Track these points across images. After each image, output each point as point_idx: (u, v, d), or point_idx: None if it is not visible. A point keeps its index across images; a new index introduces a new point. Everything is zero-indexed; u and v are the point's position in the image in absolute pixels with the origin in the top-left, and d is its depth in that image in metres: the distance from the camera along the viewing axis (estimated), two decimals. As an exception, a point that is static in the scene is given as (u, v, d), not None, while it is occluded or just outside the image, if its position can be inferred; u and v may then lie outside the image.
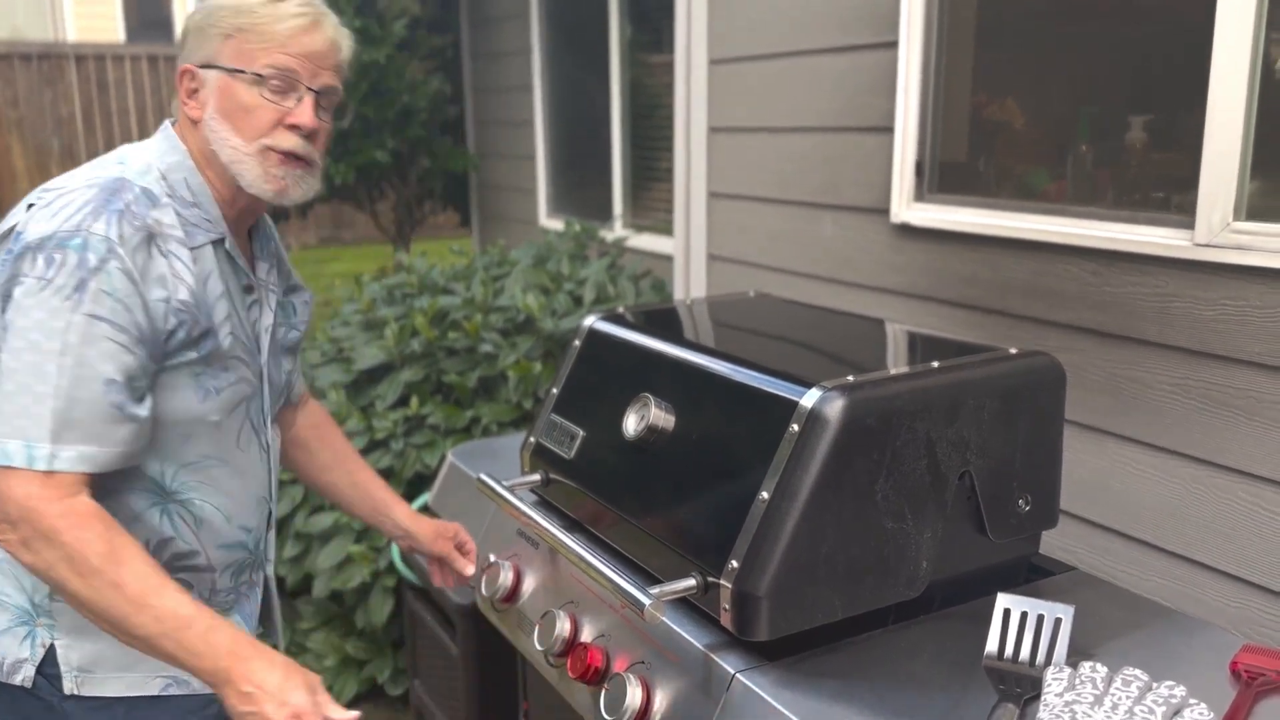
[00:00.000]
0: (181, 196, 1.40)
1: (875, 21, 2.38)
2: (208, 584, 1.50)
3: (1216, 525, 1.80)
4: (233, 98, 1.39)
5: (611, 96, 4.36)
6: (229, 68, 1.39)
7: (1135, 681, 1.20)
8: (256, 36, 1.38)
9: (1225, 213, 1.72)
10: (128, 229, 1.30)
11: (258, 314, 1.51)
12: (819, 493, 1.30)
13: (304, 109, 1.40)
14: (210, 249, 1.41)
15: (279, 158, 1.41)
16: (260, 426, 1.53)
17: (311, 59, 1.41)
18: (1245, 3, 1.66)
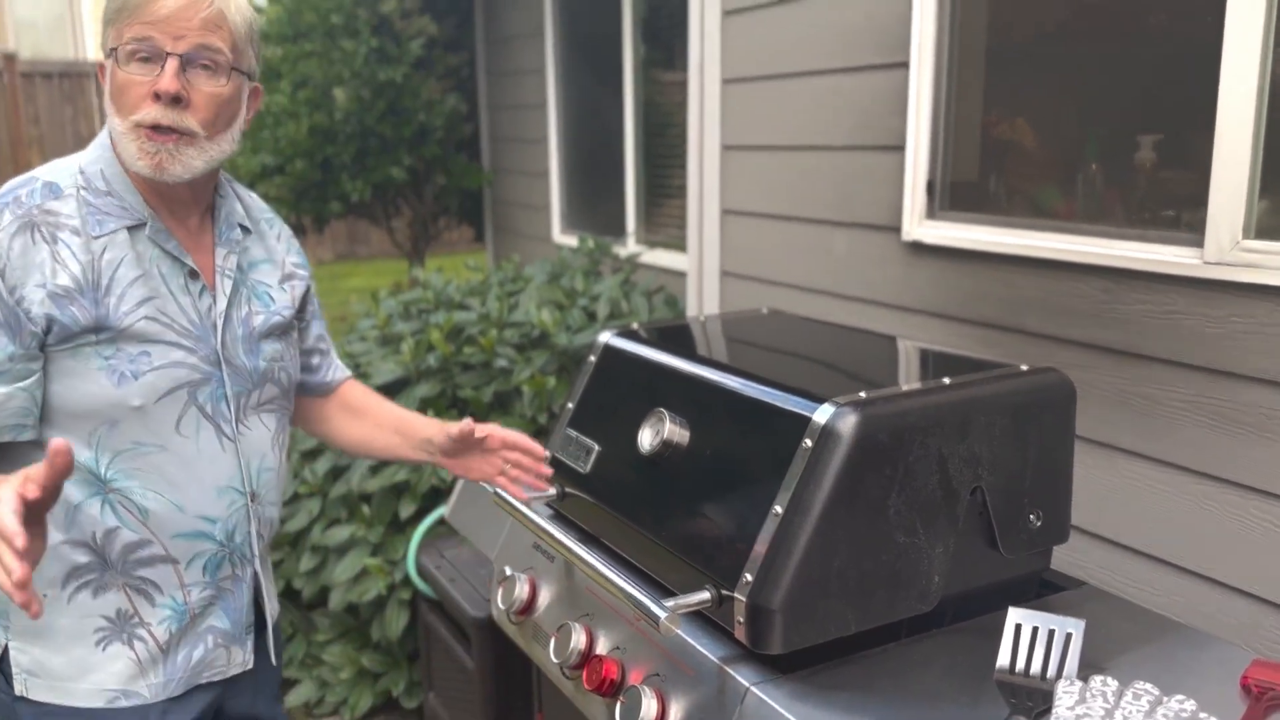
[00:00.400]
0: (96, 187, 1.41)
1: (886, 43, 2.41)
2: (174, 578, 1.48)
3: (1228, 541, 1.81)
4: (113, 80, 1.38)
5: (625, 114, 4.40)
6: (109, 49, 1.38)
7: (1146, 695, 1.21)
8: (126, 14, 1.36)
9: (1234, 231, 1.73)
10: (6, 218, 1.34)
11: (209, 300, 1.48)
12: (832, 507, 1.32)
13: (164, 75, 1.35)
14: (125, 234, 1.41)
15: (146, 131, 1.37)
16: (217, 413, 1.48)
17: (171, 21, 1.35)
18: (1253, 24, 1.68)
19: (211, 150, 1.42)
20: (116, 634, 1.46)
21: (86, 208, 1.39)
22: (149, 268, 1.42)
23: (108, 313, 1.37)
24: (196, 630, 1.52)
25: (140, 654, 1.48)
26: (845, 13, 2.53)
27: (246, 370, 1.52)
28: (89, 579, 1.44)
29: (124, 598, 1.46)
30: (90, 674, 1.45)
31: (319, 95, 5.31)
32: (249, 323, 1.53)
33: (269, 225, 1.65)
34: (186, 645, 1.52)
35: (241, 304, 1.53)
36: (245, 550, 1.56)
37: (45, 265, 1.34)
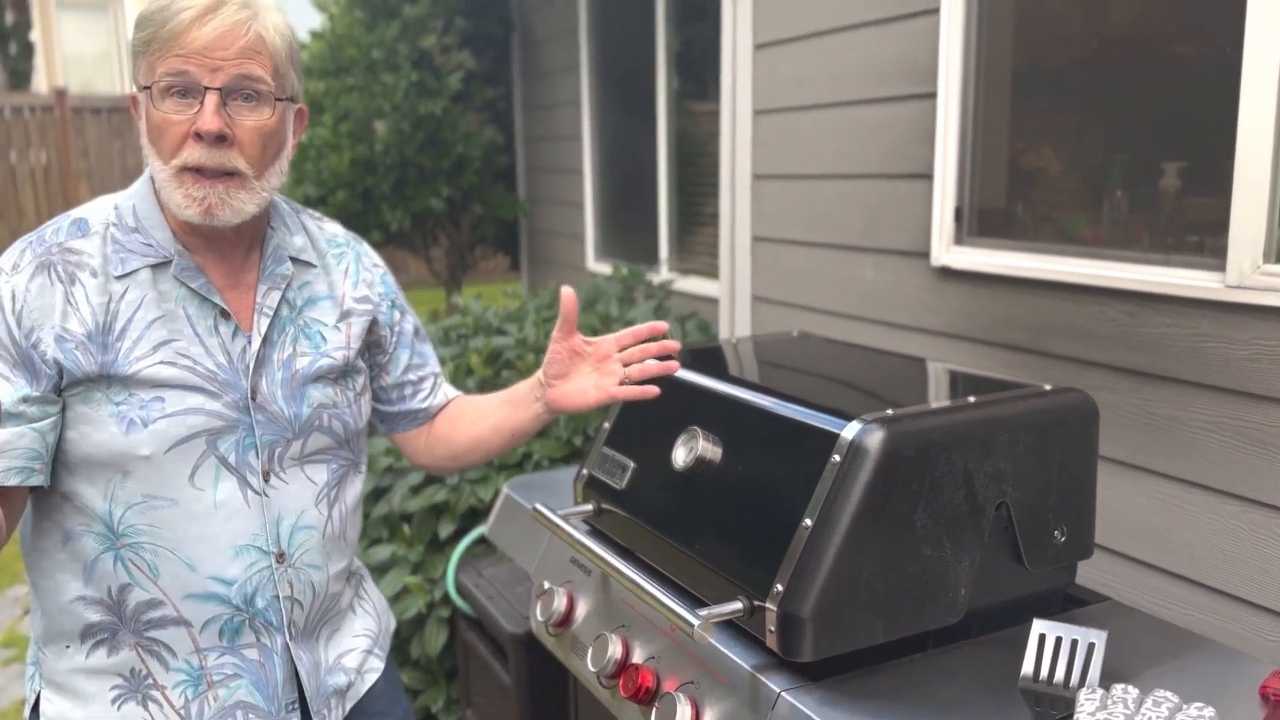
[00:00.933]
0: (125, 224, 1.34)
1: (914, 74, 2.48)
2: (188, 642, 1.38)
3: (1254, 560, 1.83)
4: (149, 119, 1.29)
5: (658, 144, 4.49)
6: (142, 85, 1.28)
7: (1166, 703, 1.25)
8: (157, 45, 1.25)
9: (1255, 256, 1.78)
10: (26, 257, 1.30)
11: (244, 342, 1.37)
12: (860, 520, 1.37)
13: (204, 113, 1.25)
14: (148, 274, 1.33)
15: (191, 176, 1.28)
16: (242, 464, 1.36)
17: (207, 52, 1.24)
18: (1270, 57, 1.73)
19: (262, 190, 1.33)
20: (132, 693, 1.38)
21: (112, 245, 1.32)
22: (172, 308, 1.33)
23: (115, 358, 1.29)
24: (221, 703, 1.40)
25: (154, 715, 1.38)
26: (874, 46, 2.60)
27: (284, 418, 1.39)
28: (103, 636, 1.38)
29: (136, 657, 1.38)
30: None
31: (360, 128, 5.45)
32: (291, 365, 1.40)
33: (337, 258, 1.53)
34: (213, 717, 1.40)
35: (285, 345, 1.41)
36: (270, 617, 1.40)
37: (57, 308, 1.28)
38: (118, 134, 10.49)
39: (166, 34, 1.24)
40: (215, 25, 1.24)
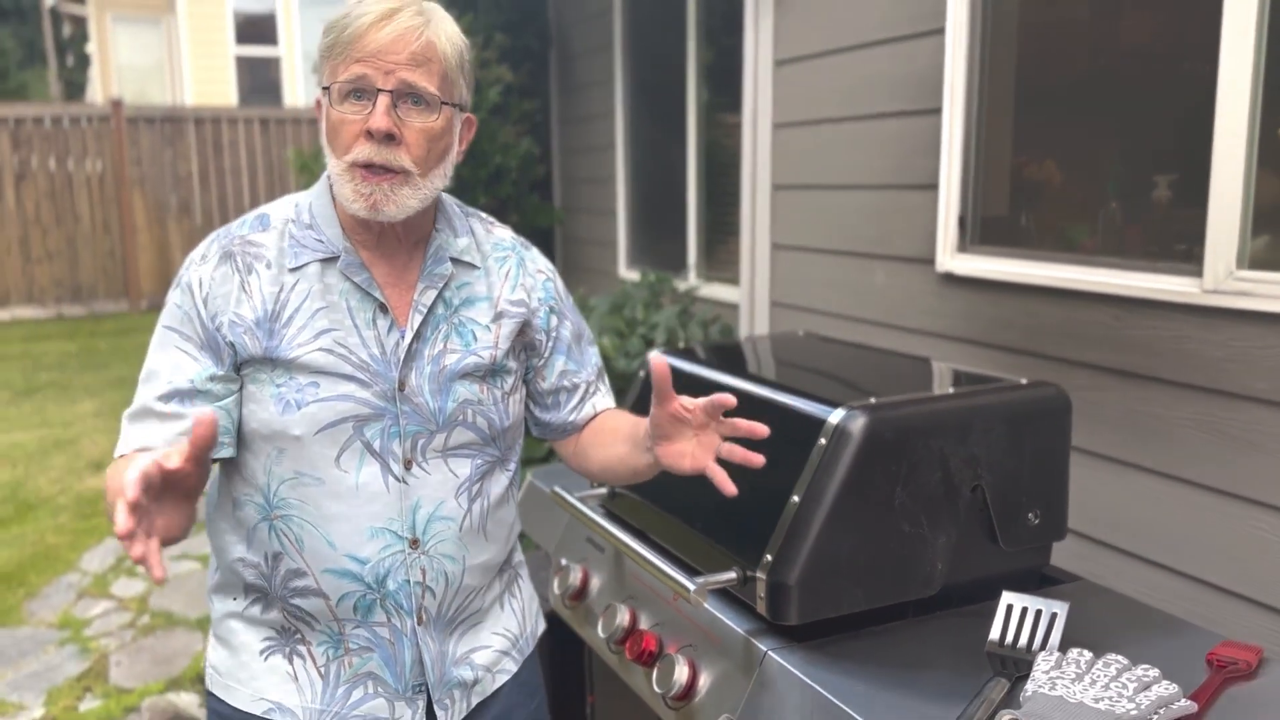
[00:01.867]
0: (302, 220, 1.44)
1: (921, 90, 2.61)
2: (328, 612, 1.44)
3: (1227, 549, 1.95)
4: (328, 119, 1.37)
5: (688, 156, 4.65)
6: (324, 87, 1.37)
7: (1115, 664, 1.38)
8: (339, 48, 1.34)
9: (1229, 262, 1.89)
10: (213, 248, 1.41)
11: (398, 336, 1.42)
12: (843, 498, 1.51)
13: (375, 113, 1.32)
14: (317, 267, 1.41)
15: (361, 171, 1.35)
16: (385, 451, 1.41)
17: (381, 55, 1.32)
18: (1242, 84, 1.85)
19: (425, 188, 1.38)
20: (280, 646, 1.47)
21: (288, 240, 1.41)
22: (336, 300, 1.40)
23: (279, 343, 1.37)
24: (353, 670, 1.46)
25: (298, 670, 1.46)
26: (884, 63, 2.74)
27: (429, 410, 1.44)
28: (258, 596, 1.47)
29: (284, 618, 1.47)
30: (253, 681, 1.47)
31: (402, 139, 5.66)
32: (440, 361, 1.45)
33: (500, 261, 1.55)
34: (346, 682, 1.46)
35: (437, 341, 1.45)
36: (401, 600, 1.45)
37: (233, 294, 1.38)
38: (169, 143, 10.83)
39: (348, 38, 1.32)
40: (391, 30, 1.31)
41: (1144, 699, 1.29)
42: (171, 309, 1.41)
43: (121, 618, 4.09)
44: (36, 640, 3.90)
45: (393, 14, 1.32)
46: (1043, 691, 1.31)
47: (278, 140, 11.19)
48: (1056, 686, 1.33)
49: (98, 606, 4.18)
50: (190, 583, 4.39)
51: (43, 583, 4.41)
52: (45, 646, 3.85)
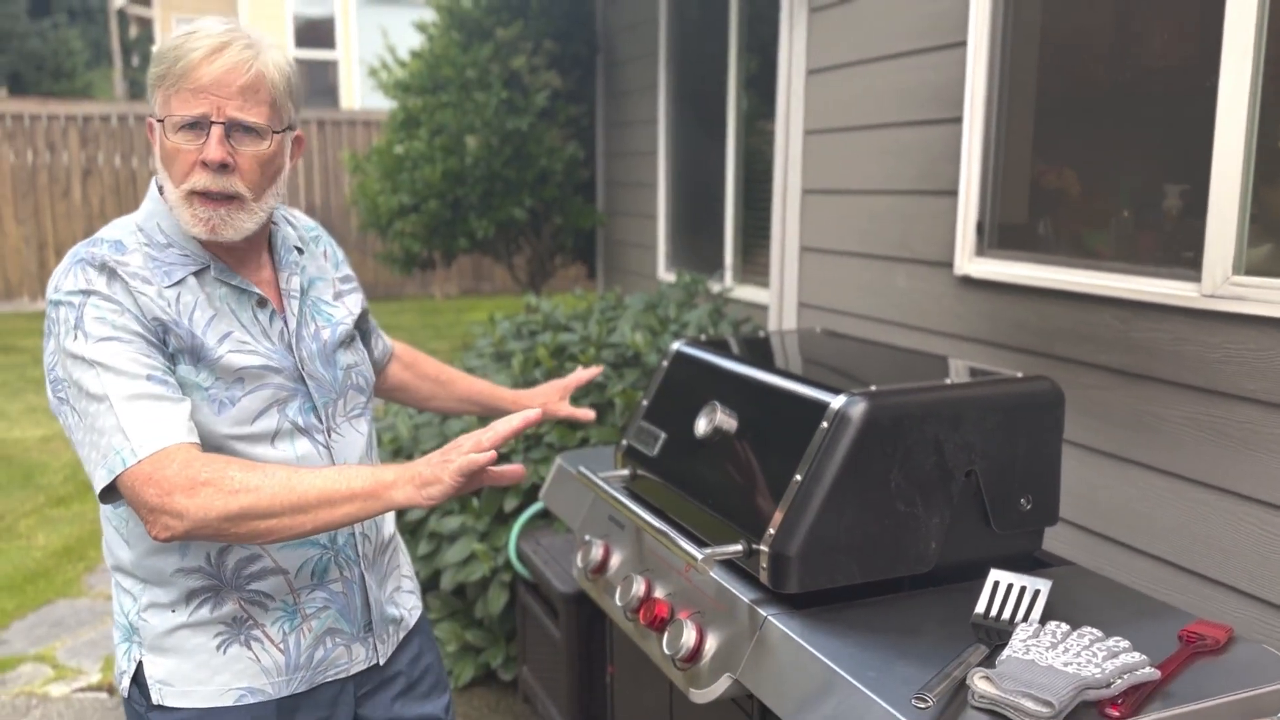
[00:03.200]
0: (157, 241, 1.47)
1: (943, 100, 2.72)
2: (284, 587, 1.54)
3: (1222, 543, 2.03)
4: (163, 147, 1.44)
5: (727, 161, 4.77)
6: (157, 117, 1.44)
7: (1089, 635, 1.48)
8: (171, 79, 1.40)
9: (1226, 268, 1.98)
10: (91, 272, 1.41)
11: (280, 324, 1.55)
12: (842, 477, 1.63)
13: (209, 144, 1.40)
14: (194, 279, 1.47)
15: (199, 199, 1.43)
16: (309, 425, 1.54)
17: (213, 89, 1.39)
18: (1240, 94, 1.94)
19: (260, 210, 1.48)
20: (234, 637, 1.53)
21: (152, 262, 1.45)
22: (220, 305, 1.49)
23: (201, 344, 1.45)
24: (315, 633, 1.58)
25: (258, 654, 1.54)
26: (909, 73, 2.85)
27: (328, 381, 1.58)
28: (206, 596, 1.52)
29: (238, 608, 1.53)
30: (216, 676, 1.52)
31: (452, 142, 5.85)
32: (319, 337, 1.60)
33: (315, 244, 1.72)
34: (308, 647, 1.58)
35: (309, 321, 1.60)
36: (350, 553, 1.60)
37: (139, 301, 1.41)
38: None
39: (179, 70, 1.39)
40: (221, 64, 1.39)
41: (1110, 665, 1.39)
42: (94, 323, 1.38)
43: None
44: (94, 611, 4.12)
45: (223, 48, 1.40)
46: (1017, 656, 1.42)
47: (334, 142, 11.48)
48: (1030, 652, 1.43)
49: (152, 582, 4.40)
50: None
51: (101, 558, 4.63)
52: (103, 618, 4.06)
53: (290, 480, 1.35)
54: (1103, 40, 2.35)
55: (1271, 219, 1.96)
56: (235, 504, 1.33)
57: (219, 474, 1.34)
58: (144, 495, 1.33)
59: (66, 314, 1.40)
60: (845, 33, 3.17)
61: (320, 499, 1.35)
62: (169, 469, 1.33)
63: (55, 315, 1.42)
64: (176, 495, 1.32)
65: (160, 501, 1.32)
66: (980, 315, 2.63)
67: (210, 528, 1.34)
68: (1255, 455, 1.96)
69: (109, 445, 1.35)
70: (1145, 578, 2.18)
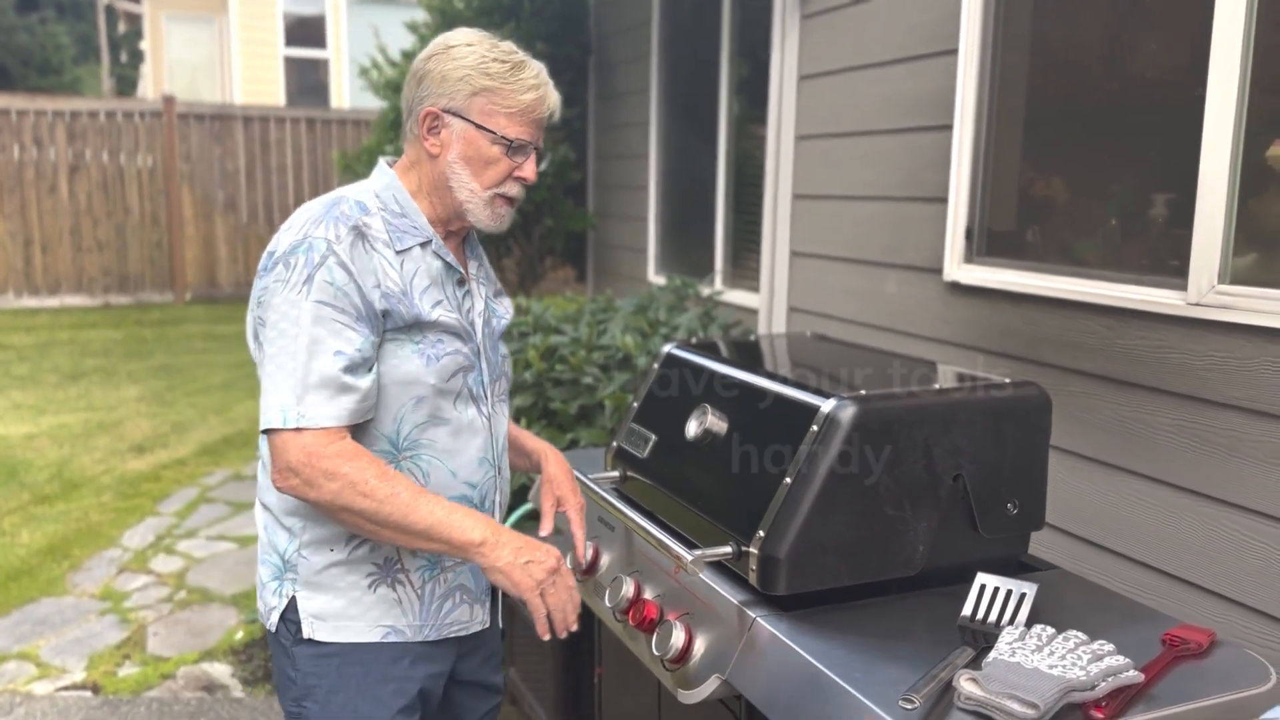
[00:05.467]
0: (392, 209, 1.68)
1: (934, 107, 2.74)
2: None
3: (1205, 549, 2.05)
4: (477, 150, 1.67)
5: (718, 165, 4.78)
6: (477, 123, 1.66)
7: (1074, 639, 1.50)
8: (500, 100, 1.65)
9: (1211, 277, 2.01)
10: (342, 229, 1.59)
11: (470, 302, 1.76)
12: (831, 480, 1.64)
13: (530, 166, 1.71)
14: (418, 250, 1.68)
15: (503, 202, 1.71)
16: (479, 396, 1.75)
17: (538, 122, 1.70)
18: (1227, 107, 1.96)
19: None
20: (383, 577, 1.68)
21: (389, 226, 1.66)
22: (434, 276, 1.69)
23: (419, 311, 1.64)
24: (449, 585, 1.74)
25: (401, 595, 1.70)
26: (900, 81, 2.87)
27: (493, 363, 1.80)
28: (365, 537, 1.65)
29: (394, 549, 1.68)
30: (367, 612, 1.68)
31: (443, 142, 5.84)
32: (490, 323, 1.81)
33: (481, 247, 1.93)
34: (439, 597, 1.73)
35: (487, 306, 1.82)
36: (492, 515, 1.79)
37: (376, 270, 1.60)
38: (218, 139, 11.13)
39: (520, 103, 1.66)
40: (548, 103, 1.70)
41: (1094, 668, 1.41)
42: (321, 285, 1.56)
43: (160, 592, 4.28)
44: (79, 610, 4.10)
45: (547, 93, 1.70)
46: (1002, 659, 1.43)
47: (323, 140, 11.46)
48: (1016, 655, 1.45)
49: (137, 580, 4.38)
50: (227, 561, 4.58)
51: (85, 556, 4.61)
52: (87, 616, 4.04)
53: (411, 503, 1.54)
54: (1092, 50, 2.38)
55: (1256, 229, 1.98)
56: (359, 504, 1.52)
57: (360, 473, 1.53)
58: (290, 456, 1.52)
59: (307, 258, 1.57)
60: (838, 39, 3.19)
61: (424, 532, 1.55)
62: (326, 448, 1.52)
63: (295, 252, 1.58)
64: (320, 473, 1.51)
65: (303, 468, 1.51)
66: (969, 321, 2.65)
67: (325, 508, 1.54)
68: (1239, 462, 1.98)
69: (282, 399, 1.54)
70: (1129, 582, 2.20)
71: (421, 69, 1.68)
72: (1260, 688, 1.47)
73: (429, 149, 1.68)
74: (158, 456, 6.01)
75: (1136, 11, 2.28)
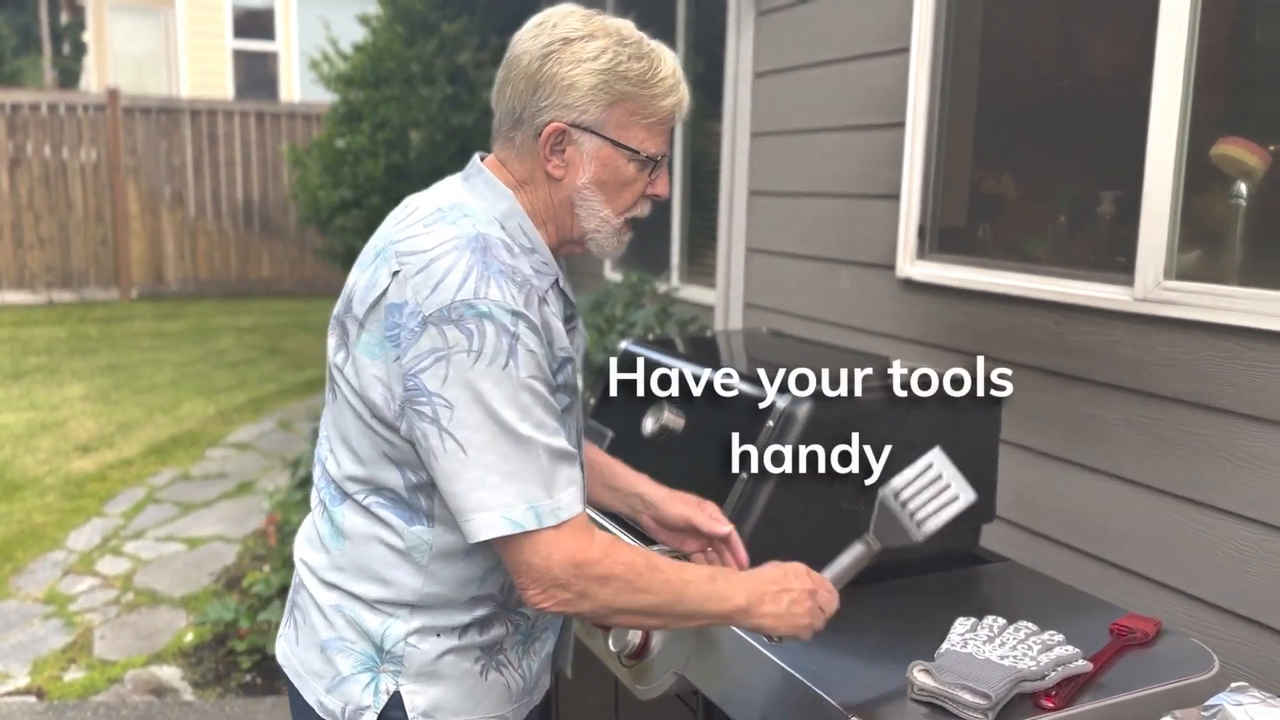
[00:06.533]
0: (521, 244, 1.37)
1: (887, 105, 2.76)
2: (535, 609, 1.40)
3: (1152, 540, 2.09)
4: (615, 172, 1.38)
5: (674, 161, 4.79)
6: (614, 140, 1.36)
7: (1025, 629, 1.52)
8: (640, 110, 1.35)
9: (1158, 273, 2.04)
10: (518, 289, 1.27)
11: (579, 341, 1.50)
12: (786, 476, 1.65)
13: (664, 181, 1.42)
14: (552, 291, 1.39)
15: (629, 226, 1.43)
16: (579, 437, 1.49)
17: (672, 131, 1.41)
18: (1172, 105, 2.00)
19: None
20: (490, 662, 1.46)
21: (531, 267, 1.35)
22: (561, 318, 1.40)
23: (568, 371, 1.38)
24: (539, 656, 1.53)
25: (508, 678, 1.48)
26: (854, 78, 2.90)
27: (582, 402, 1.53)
28: (485, 620, 1.44)
29: (503, 629, 1.46)
30: (482, 702, 1.45)
31: (396, 137, 5.80)
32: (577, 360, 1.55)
33: None
34: (536, 672, 1.53)
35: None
36: None
37: (552, 327, 1.31)
38: (165, 134, 10.93)
39: (658, 106, 1.37)
40: (683, 102, 1.42)
41: (1045, 658, 1.43)
42: (525, 356, 1.26)
43: (106, 594, 4.20)
44: (22, 614, 4.01)
45: (682, 80, 1.41)
46: (955, 649, 1.45)
47: (273, 134, 11.30)
48: (968, 645, 1.47)
49: (83, 583, 4.29)
50: (175, 563, 4.51)
51: (29, 559, 4.51)
52: (31, 620, 3.96)
53: (680, 583, 1.32)
54: (1041, 50, 2.41)
55: (1201, 225, 2.02)
56: (638, 603, 1.29)
57: (629, 567, 1.28)
58: (553, 565, 1.25)
59: (498, 334, 1.24)
60: (792, 37, 3.21)
61: (693, 613, 1.35)
62: (592, 547, 1.27)
63: (470, 317, 1.24)
64: (594, 580, 1.26)
65: (570, 578, 1.25)
66: (921, 317, 2.67)
67: (599, 617, 1.34)
68: (1187, 455, 2.02)
69: (523, 493, 1.24)
70: (1079, 573, 2.24)
71: (537, 72, 1.36)
72: (1204, 674, 1.51)
73: (551, 170, 1.38)
74: (103, 456, 5.89)
75: (1084, 12, 2.32)
